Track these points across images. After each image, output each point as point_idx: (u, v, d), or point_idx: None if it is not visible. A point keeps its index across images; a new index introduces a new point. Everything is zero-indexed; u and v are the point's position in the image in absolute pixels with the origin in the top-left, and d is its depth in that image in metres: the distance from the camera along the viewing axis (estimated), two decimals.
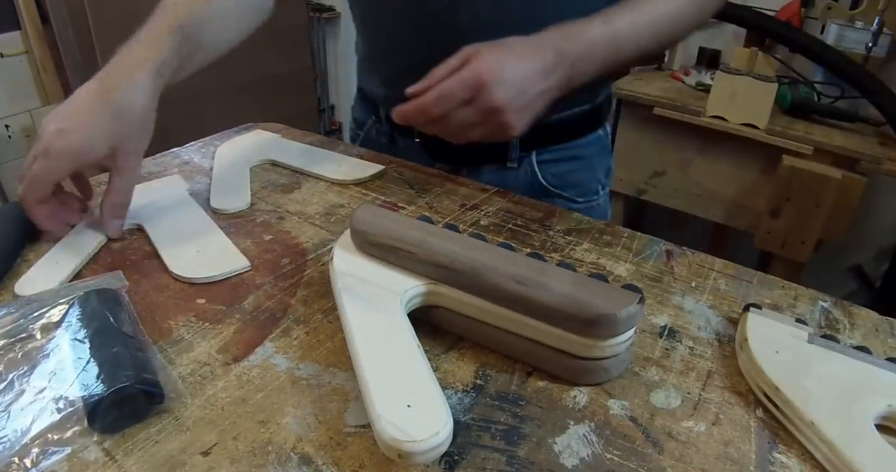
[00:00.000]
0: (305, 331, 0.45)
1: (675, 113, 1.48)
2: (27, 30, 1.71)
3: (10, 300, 0.46)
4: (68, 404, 0.37)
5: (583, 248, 0.57)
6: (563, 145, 0.74)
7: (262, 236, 0.56)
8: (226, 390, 0.39)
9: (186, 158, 0.71)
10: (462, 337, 0.45)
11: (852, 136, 1.41)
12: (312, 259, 0.53)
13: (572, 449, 0.37)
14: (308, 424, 0.37)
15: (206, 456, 0.35)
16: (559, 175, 0.75)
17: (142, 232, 0.56)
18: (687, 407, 0.40)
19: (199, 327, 0.45)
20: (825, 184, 1.33)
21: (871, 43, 1.47)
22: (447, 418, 0.33)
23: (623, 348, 0.41)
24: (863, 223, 1.68)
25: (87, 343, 0.39)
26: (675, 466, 0.36)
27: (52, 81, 1.81)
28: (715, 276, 0.54)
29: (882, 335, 0.48)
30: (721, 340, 0.46)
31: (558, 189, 0.75)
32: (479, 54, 0.52)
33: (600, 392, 0.41)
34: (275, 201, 0.62)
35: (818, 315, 0.50)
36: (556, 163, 0.75)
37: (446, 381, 0.41)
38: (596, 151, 0.78)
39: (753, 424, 0.39)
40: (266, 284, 0.50)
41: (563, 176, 0.75)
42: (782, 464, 0.36)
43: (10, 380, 0.38)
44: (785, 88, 1.48)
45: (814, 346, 0.43)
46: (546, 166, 0.74)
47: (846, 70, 1.40)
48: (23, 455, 0.34)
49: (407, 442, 0.31)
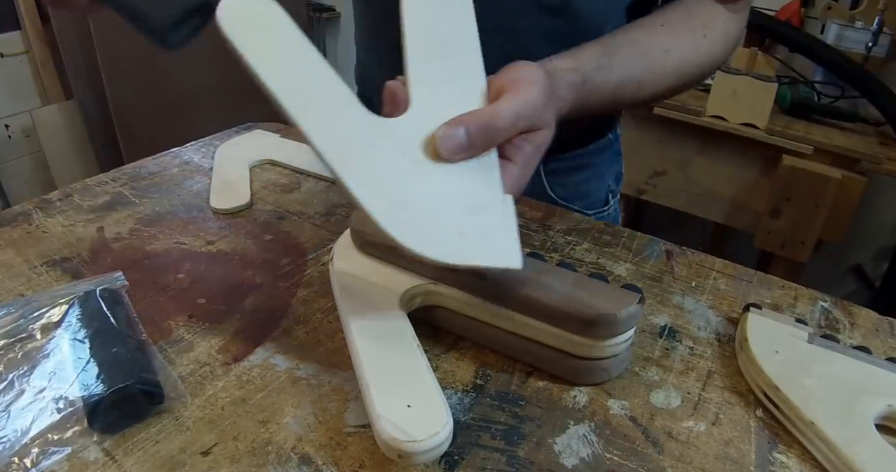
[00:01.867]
0: (305, 331, 0.45)
1: (676, 113, 1.48)
2: (27, 30, 1.71)
3: (11, 300, 0.46)
4: (68, 404, 0.37)
5: (583, 248, 0.57)
6: (573, 153, 0.71)
7: (262, 235, 0.56)
8: (226, 390, 0.39)
9: (186, 158, 0.71)
10: (462, 337, 0.45)
11: (852, 136, 1.41)
12: (312, 259, 0.53)
13: (572, 449, 0.37)
14: (308, 424, 0.37)
15: (206, 456, 0.35)
16: (568, 186, 0.72)
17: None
18: (687, 407, 0.40)
19: (199, 327, 0.45)
20: (825, 184, 1.33)
21: (871, 43, 1.47)
22: (447, 418, 0.33)
23: (623, 348, 0.41)
24: (863, 223, 1.68)
25: (87, 343, 0.39)
26: (675, 466, 0.36)
27: (52, 81, 1.81)
28: (715, 276, 0.54)
29: (882, 335, 0.48)
30: (721, 340, 0.46)
31: (567, 201, 0.73)
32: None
33: (600, 392, 0.41)
34: (275, 201, 0.62)
35: (818, 315, 0.50)
36: (565, 172, 0.72)
37: (446, 381, 0.41)
38: (606, 157, 0.75)
39: (753, 424, 0.39)
40: (266, 284, 0.50)
41: (572, 186, 0.73)
42: (782, 464, 0.36)
43: (10, 380, 0.38)
44: (785, 87, 1.48)
45: (814, 346, 0.43)
46: (554, 177, 0.72)
47: (846, 70, 1.40)
48: (23, 455, 0.34)
49: (407, 442, 0.32)
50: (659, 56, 0.53)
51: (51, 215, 0.57)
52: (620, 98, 0.52)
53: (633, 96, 0.53)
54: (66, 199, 0.60)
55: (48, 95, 1.82)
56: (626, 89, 0.52)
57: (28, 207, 0.58)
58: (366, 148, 0.36)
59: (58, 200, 0.60)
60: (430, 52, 0.41)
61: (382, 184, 0.36)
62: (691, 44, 0.55)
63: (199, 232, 0.56)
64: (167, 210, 0.59)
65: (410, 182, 0.37)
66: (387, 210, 0.35)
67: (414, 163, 0.37)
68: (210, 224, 0.58)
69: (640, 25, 0.55)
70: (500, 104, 0.39)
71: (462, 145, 0.38)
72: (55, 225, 0.56)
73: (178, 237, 0.55)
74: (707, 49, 0.56)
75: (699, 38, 0.55)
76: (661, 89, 0.55)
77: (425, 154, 0.38)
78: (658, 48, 0.53)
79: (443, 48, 0.42)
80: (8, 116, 1.77)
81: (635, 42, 0.53)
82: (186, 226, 0.57)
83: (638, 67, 0.52)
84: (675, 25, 0.55)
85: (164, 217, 0.58)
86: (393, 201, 0.36)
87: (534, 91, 0.40)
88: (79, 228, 0.56)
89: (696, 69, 0.57)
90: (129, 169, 0.67)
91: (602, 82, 0.49)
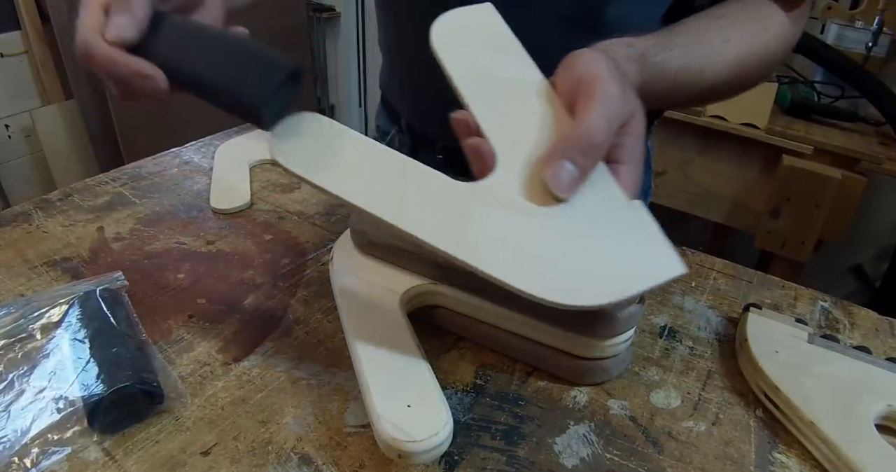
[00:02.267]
0: (305, 331, 0.45)
1: (676, 113, 1.48)
2: (27, 30, 1.71)
3: (11, 300, 0.46)
4: (68, 404, 0.37)
5: None
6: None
7: (262, 235, 0.56)
8: (226, 390, 0.39)
9: (186, 158, 0.71)
10: (462, 337, 0.45)
11: (852, 136, 1.41)
12: (312, 259, 0.53)
13: (572, 449, 0.37)
14: (308, 424, 0.37)
15: (206, 456, 0.35)
16: None
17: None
18: (687, 407, 0.40)
19: (199, 327, 0.45)
20: (825, 184, 1.33)
21: (871, 43, 1.47)
22: (447, 418, 0.33)
23: (623, 348, 0.41)
24: (863, 223, 1.68)
25: (87, 343, 0.39)
26: (675, 466, 0.36)
27: (52, 81, 1.80)
28: (715, 276, 0.54)
29: (882, 335, 0.48)
30: (721, 340, 0.46)
31: None
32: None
33: (600, 392, 0.41)
34: (275, 201, 0.62)
35: (818, 315, 0.50)
36: None
37: (446, 381, 0.41)
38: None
39: (753, 424, 0.39)
40: (266, 284, 0.50)
41: None
42: (782, 464, 0.36)
43: (10, 380, 0.38)
44: (785, 87, 1.48)
45: (814, 346, 0.43)
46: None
47: (846, 70, 1.40)
48: (23, 455, 0.34)
49: (407, 442, 0.32)
50: (719, 44, 0.50)
51: (51, 215, 0.57)
52: (682, 84, 0.48)
53: (695, 84, 0.49)
54: (66, 199, 0.60)
55: (48, 95, 1.82)
56: (688, 74, 0.48)
57: (28, 207, 0.58)
58: (477, 222, 0.34)
59: (58, 200, 0.60)
60: (485, 85, 0.39)
61: (509, 250, 0.33)
62: (752, 35, 0.52)
63: (199, 232, 0.56)
64: (167, 210, 0.59)
65: (537, 236, 0.33)
66: (529, 276, 0.32)
67: (530, 214, 0.34)
68: (210, 224, 0.58)
69: (697, 18, 0.51)
70: (586, 117, 0.35)
71: (574, 178, 0.34)
72: (55, 225, 0.56)
73: (178, 237, 0.55)
74: (767, 42, 0.53)
75: (760, 31, 0.53)
76: (724, 80, 0.52)
77: (535, 200, 0.35)
78: (717, 37, 0.50)
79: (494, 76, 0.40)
80: (8, 116, 1.77)
81: (692, 31, 0.50)
82: (186, 226, 0.57)
83: (698, 53, 0.49)
84: (733, 18, 0.52)
85: (164, 217, 0.58)
86: (530, 265, 0.32)
87: (608, 85, 0.36)
88: (79, 228, 0.56)
89: (759, 62, 0.54)
90: (129, 169, 0.67)
91: (661, 62, 0.45)
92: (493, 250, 0.33)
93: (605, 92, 0.36)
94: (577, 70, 0.38)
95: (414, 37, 0.65)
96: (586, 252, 0.33)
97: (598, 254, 0.33)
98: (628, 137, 0.37)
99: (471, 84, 0.39)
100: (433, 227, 0.33)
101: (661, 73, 0.45)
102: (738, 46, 0.51)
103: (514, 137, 0.37)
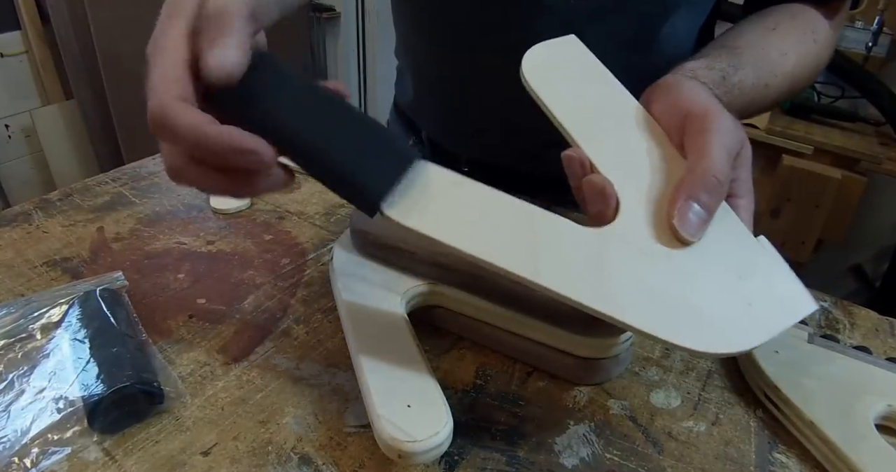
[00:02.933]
0: (305, 331, 0.45)
1: None
2: (27, 30, 1.71)
3: (11, 300, 0.46)
4: (68, 404, 0.37)
5: None
6: None
7: (262, 235, 0.56)
8: (226, 390, 0.39)
9: None
10: (462, 337, 0.45)
11: (852, 136, 1.41)
12: (312, 259, 0.53)
13: (572, 449, 0.37)
14: (308, 424, 0.37)
15: (206, 456, 0.35)
16: None
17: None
18: (687, 407, 0.40)
19: (199, 327, 0.45)
20: (825, 184, 1.33)
21: (871, 43, 1.47)
22: (447, 418, 0.33)
23: (623, 348, 0.41)
24: (863, 223, 1.68)
25: (87, 343, 0.39)
26: (675, 466, 0.36)
27: (52, 81, 1.80)
28: None
29: (882, 335, 0.48)
30: None
31: None
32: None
33: (600, 392, 0.41)
34: (275, 201, 0.62)
35: (818, 315, 0.50)
36: None
37: (446, 381, 0.41)
38: None
39: (753, 424, 0.39)
40: (266, 284, 0.50)
41: None
42: (782, 464, 0.36)
43: (10, 380, 0.38)
44: None
45: (814, 346, 0.43)
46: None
47: (846, 70, 1.40)
48: (23, 455, 0.34)
49: (407, 442, 0.31)
50: (778, 58, 0.49)
51: (51, 215, 0.57)
52: (753, 102, 0.48)
53: (763, 100, 0.49)
54: (66, 199, 0.60)
55: (48, 95, 1.82)
56: (757, 91, 0.47)
57: (28, 207, 0.58)
58: (615, 271, 0.32)
59: (58, 200, 0.60)
60: (589, 120, 0.38)
61: (650, 299, 0.31)
62: (805, 47, 0.52)
63: (199, 232, 0.56)
64: (167, 210, 0.59)
65: (674, 282, 0.32)
66: (673, 325, 0.30)
67: (663, 260, 0.33)
68: (210, 224, 0.58)
69: (750, 30, 0.51)
70: (705, 153, 0.33)
71: (703, 219, 0.33)
72: (55, 225, 0.56)
73: (178, 237, 0.55)
74: (818, 53, 0.54)
75: (810, 42, 0.53)
76: (782, 92, 0.51)
77: (664, 243, 0.33)
78: (775, 51, 0.50)
79: (596, 110, 0.39)
80: (8, 116, 1.77)
81: (752, 45, 0.49)
82: (186, 226, 0.57)
83: (764, 69, 0.48)
84: (785, 29, 0.52)
85: (164, 217, 0.58)
86: (672, 313, 0.31)
87: (720, 118, 0.35)
88: (79, 228, 0.56)
89: (809, 73, 0.54)
90: (129, 169, 0.67)
91: (738, 82, 0.45)
92: (635, 301, 0.31)
93: (720, 126, 0.34)
94: (681, 102, 0.37)
95: (457, 59, 0.61)
96: (724, 295, 0.32)
97: (735, 296, 0.32)
98: (742, 169, 0.36)
99: (576, 120, 0.38)
100: (570, 279, 0.32)
101: (739, 94, 0.45)
102: (794, 59, 0.51)
103: (630, 177, 0.35)
